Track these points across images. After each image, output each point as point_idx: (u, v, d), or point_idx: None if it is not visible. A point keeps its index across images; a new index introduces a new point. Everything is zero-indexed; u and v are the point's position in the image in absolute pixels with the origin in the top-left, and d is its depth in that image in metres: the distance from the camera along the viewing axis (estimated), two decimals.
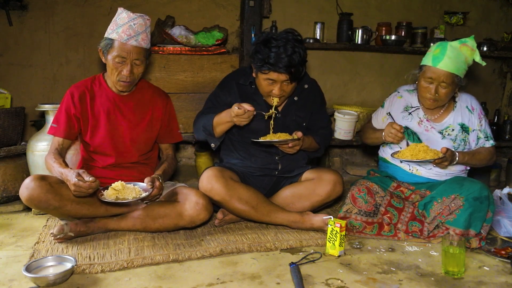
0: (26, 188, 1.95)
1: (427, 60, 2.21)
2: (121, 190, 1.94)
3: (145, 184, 2.01)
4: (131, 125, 2.21)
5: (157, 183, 2.02)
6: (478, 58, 2.18)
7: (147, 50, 2.13)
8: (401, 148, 2.31)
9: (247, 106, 2.05)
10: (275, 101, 2.21)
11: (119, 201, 1.92)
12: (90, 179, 1.84)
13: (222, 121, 2.20)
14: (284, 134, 2.19)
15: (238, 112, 2.05)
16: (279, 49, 2.06)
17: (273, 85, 2.16)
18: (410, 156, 2.15)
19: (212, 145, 2.32)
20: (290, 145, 2.18)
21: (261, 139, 2.17)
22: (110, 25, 2.10)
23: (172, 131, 2.37)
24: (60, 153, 2.12)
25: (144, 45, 2.09)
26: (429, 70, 2.18)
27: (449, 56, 2.13)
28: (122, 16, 2.07)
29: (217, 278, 1.73)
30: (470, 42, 2.18)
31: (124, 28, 2.04)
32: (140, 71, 2.13)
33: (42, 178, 1.99)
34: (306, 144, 2.31)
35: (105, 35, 2.10)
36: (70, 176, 1.87)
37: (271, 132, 2.24)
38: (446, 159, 2.13)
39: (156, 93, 2.31)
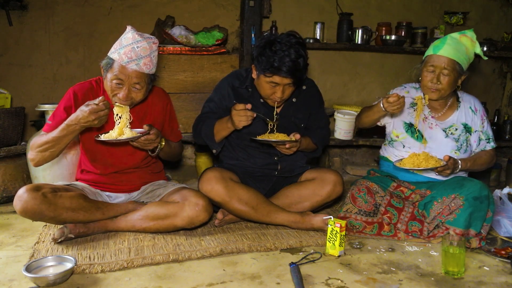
0: (20, 200, 1.89)
1: (428, 51, 2.25)
2: (124, 109, 1.97)
3: (142, 129, 2.00)
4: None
5: (155, 130, 2.00)
6: (478, 50, 2.22)
7: (150, 75, 2.03)
8: (405, 147, 2.31)
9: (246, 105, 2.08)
10: (276, 104, 2.21)
11: (118, 139, 1.91)
12: (99, 98, 1.82)
13: (222, 127, 2.21)
14: (282, 135, 2.19)
15: (239, 106, 2.06)
16: (284, 53, 2.06)
17: (275, 88, 2.15)
18: (412, 165, 2.16)
19: (214, 150, 2.32)
20: (287, 146, 2.18)
21: (259, 138, 2.18)
22: (115, 43, 2.00)
23: (173, 130, 2.35)
24: None
25: (146, 70, 1.98)
26: (430, 58, 2.21)
27: (449, 44, 2.17)
28: (127, 36, 1.96)
29: (217, 278, 1.73)
30: (470, 33, 2.23)
31: (127, 49, 1.93)
32: (139, 96, 2.02)
33: (36, 189, 1.93)
34: (303, 145, 2.31)
35: (108, 53, 2.00)
36: (81, 112, 1.82)
37: (274, 131, 2.24)
38: (448, 167, 2.14)
39: (156, 96, 2.25)
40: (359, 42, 3.33)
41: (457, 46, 2.17)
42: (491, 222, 2.13)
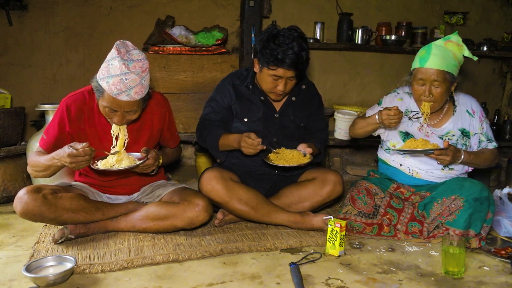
0: (20, 201, 1.89)
1: (415, 64, 2.18)
2: (123, 155, 1.96)
3: (139, 154, 2.00)
4: (130, 143, 2.10)
5: (153, 154, 2.00)
6: (467, 53, 2.15)
7: (143, 97, 1.94)
8: (403, 153, 2.29)
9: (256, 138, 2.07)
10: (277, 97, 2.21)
11: (113, 168, 1.91)
12: (83, 144, 1.79)
13: (227, 143, 2.23)
14: (297, 152, 2.17)
15: (254, 137, 2.06)
16: (287, 46, 2.09)
17: (277, 81, 2.18)
18: (409, 148, 2.12)
19: (218, 160, 2.35)
20: (303, 166, 2.17)
21: (274, 162, 2.15)
22: (102, 66, 1.87)
23: (172, 136, 2.33)
24: None
25: (138, 97, 1.89)
26: (419, 72, 2.14)
27: (435, 54, 2.10)
28: (114, 64, 1.81)
29: (217, 278, 1.73)
30: (454, 37, 2.16)
31: (115, 80, 1.81)
32: (135, 117, 1.99)
33: (36, 190, 1.92)
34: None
35: (97, 77, 1.88)
36: (62, 151, 1.81)
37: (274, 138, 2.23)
38: (447, 153, 2.08)
39: (154, 104, 2.17)
40: (359, 42, 3.33)
41: (443, 55, 2.09)
42: (491, 223, 2.13)
